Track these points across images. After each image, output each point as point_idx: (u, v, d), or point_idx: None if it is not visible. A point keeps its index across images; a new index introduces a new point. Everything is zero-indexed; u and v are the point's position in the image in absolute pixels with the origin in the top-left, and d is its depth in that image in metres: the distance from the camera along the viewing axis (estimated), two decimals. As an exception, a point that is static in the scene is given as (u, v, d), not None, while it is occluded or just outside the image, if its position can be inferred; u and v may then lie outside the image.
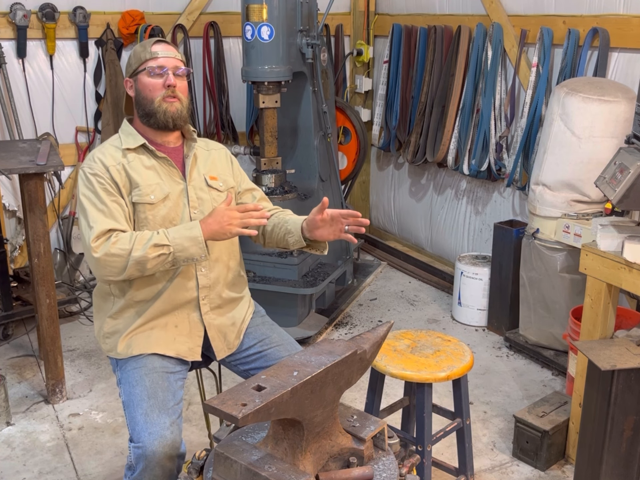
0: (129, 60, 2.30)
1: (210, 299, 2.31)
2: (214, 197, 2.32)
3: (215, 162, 2.39)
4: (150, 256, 2.09)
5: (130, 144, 2.25)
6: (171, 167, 2.27)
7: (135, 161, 2.24)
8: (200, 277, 2.28)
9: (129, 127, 2.31)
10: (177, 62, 2.26)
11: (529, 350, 3.87)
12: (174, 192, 2.25)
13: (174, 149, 2.31)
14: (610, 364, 2.36)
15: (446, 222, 5.08)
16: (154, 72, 2.22)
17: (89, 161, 2.24)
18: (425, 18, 4.90)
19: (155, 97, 2.22)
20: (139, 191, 2.20)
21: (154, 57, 2.23)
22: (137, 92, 2.27)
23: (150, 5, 4.73)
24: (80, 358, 3.95)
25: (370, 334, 1.88)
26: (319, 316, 4.27)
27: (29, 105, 4.51)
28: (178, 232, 2.13)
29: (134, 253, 2.08)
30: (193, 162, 2.32)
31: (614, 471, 2.51)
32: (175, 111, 2.23)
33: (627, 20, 3.52)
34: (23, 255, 4.59)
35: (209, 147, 2.43)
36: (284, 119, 4.38)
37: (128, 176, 2.21)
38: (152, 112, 2.23)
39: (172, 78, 2.22)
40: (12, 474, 2.98)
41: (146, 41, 2.29)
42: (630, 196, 2.49)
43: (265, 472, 1.62)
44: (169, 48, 2.27)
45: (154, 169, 2.25)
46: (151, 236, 2.10)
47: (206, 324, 2.32)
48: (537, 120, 3.97)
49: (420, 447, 2.50)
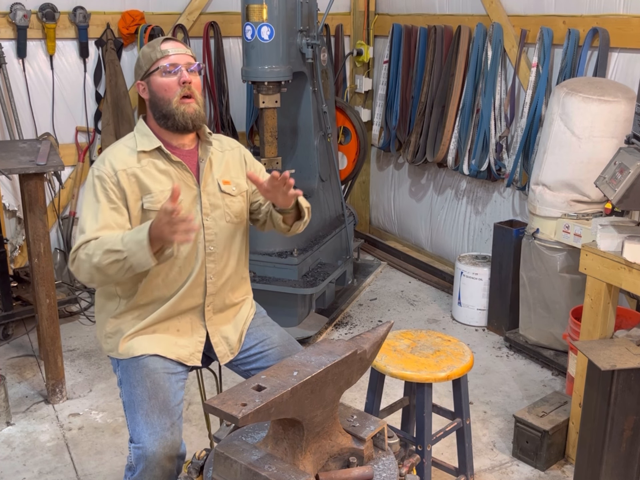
0: (138, 63, 2.24)
1: (214, 305, 2.31)
2: (227, 203, 2.29)
3: (229, 165, 2.34)
4: (104, 262, 2.02)
5: (145, 146, 2.20)
6: (185, 172, 2.22)
7: (149, 165, 2.19)
8: (209, 285, 2.27)
9: (144, 127, 2.25)
10: (188, 58, 2.22)
11: (529, 350, 3.87)
12: (187, 199, 2.21)
13: (189, 151, 2.27)
14: (610, 364, 2.36)
15: (446, 222, 5.08)
16: (167, 71, 2.17)
17: (99, 162, 2.19)
18: (425, 18, 4.90)
19: (172, 97, 2.16)
20: (151, 198, 2.16)
21: (165, 56, 2.18)
22: (151, 93, 2.21)
23: (150, 5, 4.73)
24: (80, 358, 3.95)
25: (370, 334, 1.88)
26: (319, 316, 4.27)
27: (29, 105, 4.51)
28: (131, 234, 2.03)
29: (93, 259, 2.03)
30: (208, 167, 2.27)
31: (614, 471, 2.51)
32: (194, 112, 2.18)
33: (627, 20, 3.52)
34: (23, 255, 4.59)
35: (223, 147, 2.37)
36: (284, 119, 4.38)
37: (139, 182, 2.16)
38: (169, 114, 2.17)
39: (186, 74, 2.17)
40: (12, 474, 2.98)
41: (154, 41, 2.24)
42: (630, 196, 2.49)
43: (265, 472, 1.62)
44: (178, 45, 2.22)
45: (168, 173, 2.20)
46: (109, 239, 2.04)
47: (209, 330, 2.31)
48: (537, 120, 3.97)
49: (420, 447, 2.50)
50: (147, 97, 2.23)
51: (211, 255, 2.26)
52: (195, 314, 2.30)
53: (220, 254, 2.28)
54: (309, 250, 4.23)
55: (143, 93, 2.24)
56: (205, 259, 2.25)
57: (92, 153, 4.78)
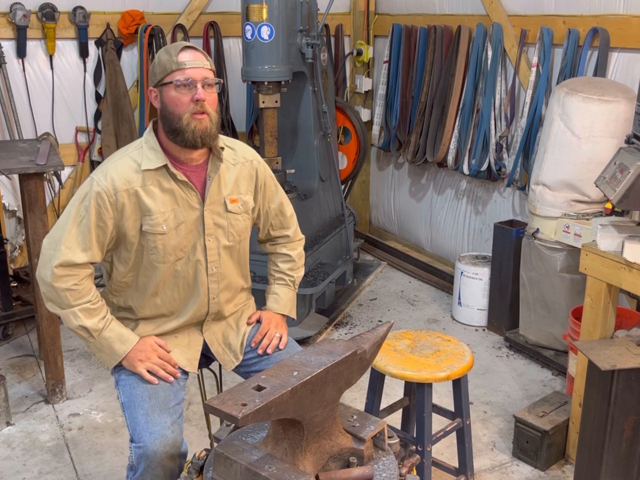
0: (153, 68, 2.10)
1: (213, 317, 2.31)
2: (232, 222, 2.22)
3: (239, 181, 2.24)
4: (72, 327, 2.11)
5: (151, 164, 2.09)
6: (190, 191, 2.13)
7: (153, 184, 2.09)
8: (212, 305, 2.26)
9: (153, 138, 2.13)
10: (206, 72, 2.07)
11: (529, 350, 3.87)
12: (189, 220, 2.14)
13: (197, 166, 2.16)
14: (610, 364, 2.36)
15: (446, 222, 5.08)
16: (181, 86, 2.04)
17: (100, 174, 2.09)
18: (425, 18, 4.90)
19: (183, 113, 2.04)
20: (151, 220, 2.09)
21: (180, 69, 2.04)
22: (162, 104, 2.09)
23: (150, 5, 4.73)
24: (80, 358, 3.95)
25: (370, 334, 1.88)
26: (319, 316, 4.27)
27: (29, 105, 4.51)
28: (110, 339, 2.12)
29: (67, 309, 2.08)
30: (215, 184, 2.17)
31: (614, 471, 2.50)
32: (204, 129, 2.05)
33: (627, 20, 3.52)
34: (23, 255, 4.59)
35: (237, 158, 2.25)
36: (284, 119, 4.38)
37: (139, 202, 2.08)
38: (179, 130, 2.05)
39: (201, 92, 2.03)
40: (12, 474, 2.98)
41: (172, 46, 2.09)
42: (630, 196, 2.49)
43: (265, 472, 1.62)
44: (197, 56, 2.07)
45: (172, 192, 2.11)
46: (93, 319, 2.10)
47: (207, 340, 2.31)
48: (537, 120, 3.97)
49: (420, 447, 2.50)
50: (158, 107, 2.12)
51: (214, 276, 2.23)
52: (194, 326, 2.30)
53: (223, 273, 2.25)
54: (309, 250, 4.23)
55: (154, 101, 2.13)
56: (207, 280, 2.22)
57: (92, 153, 4.77)
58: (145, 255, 2.14)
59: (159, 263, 2.15)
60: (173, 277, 2.19)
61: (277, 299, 2.44)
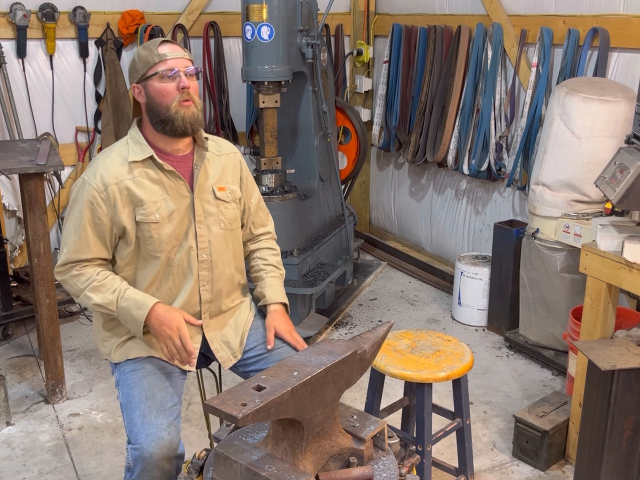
0: (134, 66, 2.17)
1: (210, 312, 2.31)
2: (221, 209, 2.27)
3: (225, 171, 2.31)
4: (92, 309, 2.21)
5: (137, 156, 2.16)
6: (178, 180, 2.19)
7: (141, 175, 2.15)
8: (203, 293, 2.26)
9: (138, 134, 2.20)
10: (186, 62, 2.16)
11: (529, 350, 3.87)
12: (181, 208, 2.19)
13: (183, 157, 2.23)
14: (610, 364, 2.36)
15: (446, 222, 5.08)
16: (165, 76, 2.11)
17: (90, 173, 2.16)
18: (425, 18, 4.90)
19: (171, 102, 2.11)
20: (144, 210, 2.14)
21: (163, 60, 2.12)
22: (148, 98, 2.15)
23: (150, 5, 4.73)
24: (80, 358, 3.95)
25: (370, 334, 1.88)
26: (319, 316, 4.27)
27: (29, 105, 4.50)
28: (128, 308, 2.14)
29: (81, 295, 2.18)
30: (202, 172, 2.24)
31: (614, 471, 2.50)
32: (192, 115, 2.14)
33: (627, 20, 3.52)
34: (23, 255, 4.59)
35: (221, 151, 2.33)
36: (284, 119, 4.38)
37: (130, 194, 2.14)
38: (168, 119, 2.12)
39: (185, 80, 2.12)
40: (12, 474, 2.98)
41: (150, 43, 2.17)
42: (630, 196, 2.49)
43: (265, 472, 1.62)
44: (175, 48, 2.16)
45: (161, 183, 2.17)
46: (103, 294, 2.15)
47: (207, 336, 2.31)
48: (537, 120, 3.97)
49: (420, 447, 2.50)
50: (143, 101, 2.17)
51: (204, 262, 2.24)
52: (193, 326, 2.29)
53: (215, 261, 2.26)
54: (309, 250, 4.23)
55: (139, 96, 2.18)
56: (198, 266, 2.23)
57: (92, 153, 4.77)
58: (142, 247, 2.18)
59: (157, 252, 2.18)
60: (168, 266, 2.21)
61: (274, 289, 2.42)
